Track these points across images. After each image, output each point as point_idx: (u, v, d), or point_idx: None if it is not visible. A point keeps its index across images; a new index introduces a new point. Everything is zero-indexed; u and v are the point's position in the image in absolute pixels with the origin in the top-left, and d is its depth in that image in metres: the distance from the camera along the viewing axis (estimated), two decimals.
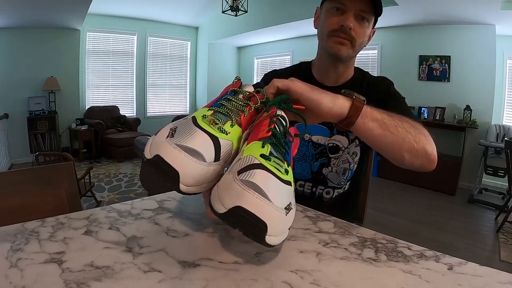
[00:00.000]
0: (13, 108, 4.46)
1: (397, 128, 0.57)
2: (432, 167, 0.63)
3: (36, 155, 2.68)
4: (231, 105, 0.45)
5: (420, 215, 3.12)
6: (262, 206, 0.33)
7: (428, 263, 0.44)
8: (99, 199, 3.00)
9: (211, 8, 5.30)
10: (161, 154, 0.37)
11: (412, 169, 0.65)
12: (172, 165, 0.36)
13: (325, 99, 0.52)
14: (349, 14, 0.75)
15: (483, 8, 3.27)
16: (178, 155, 0.37)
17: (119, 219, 0.54)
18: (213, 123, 0.42)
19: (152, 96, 6.12)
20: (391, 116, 0.58)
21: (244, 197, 0.33)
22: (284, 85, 0.51)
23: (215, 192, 0.37)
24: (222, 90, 0.50)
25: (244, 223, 0.34)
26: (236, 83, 0.49)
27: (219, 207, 0.35)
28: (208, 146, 0.40)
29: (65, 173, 0.89)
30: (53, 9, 3.88)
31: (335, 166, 0.88)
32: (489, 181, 4.02)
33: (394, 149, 0.59)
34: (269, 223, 0.34)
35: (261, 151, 0.39)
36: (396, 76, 3.29)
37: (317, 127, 0.87)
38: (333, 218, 0.59)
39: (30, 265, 0.39)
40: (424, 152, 0.60)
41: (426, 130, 0.63)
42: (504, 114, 4.04)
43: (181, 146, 0.37)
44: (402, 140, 0.57)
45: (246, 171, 0.36)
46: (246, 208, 0.33)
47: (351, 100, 0.54)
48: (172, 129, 0.40)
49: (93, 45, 5.28)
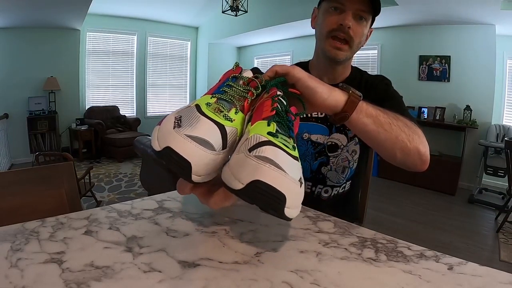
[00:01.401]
0: (13, 108, 4.46)
1: (391, 125, 0.57)
2: (424, 168, 0.63)
3: (36, 155, 2.68)
4: (233, 92, 0.45)
5: (420, 215, 3.12)
6: (280, 178, 0.33)
7: (428, 263, 0.44)
8: (99, 199, 3.00)
9: (211, 8, 5.30)
10: (172, 145, 0.36)
11: (404, 168, 0.65)
12: (184, 156, 0.36)
13: (321, 89, 0.52)
14: (348, 13, 0.76)
15: (483, 8, 3.27)
16: (189, 146, 0.36)
17: (119, 219, 0.54)
18: (218, 111, 0.41)
19: (152, 96, 6.12)
20: (386, 114, 0.58)
21: (261, 171, 0.33)
22: (283, 70, 0.51)
23: (227, 171, 0.37)
24: (221, 76, 0.50)
25: (263, 197, 0.33)
26: (237, 69, 0.48)
27: (235, 184, 0.35)
28: (215, 134, 0.39)
29: (65, 173, 0.89)
30: (53, 9, 3.88)
31: (334, 164, 0.88)
32: (489, 181, 4.02)
33: (387, 146, 0.59)
34: (287, 195, 0.34)
35: (267, 129, 0.40)
36: (396, 76, 3.30)
37: (316, 126, 0.87)
38: (333, 218, 0.59)
39: (30, 265, 0.39)
40: (417, 151, 0.60)
41: (420, 130, 0.63)
42: (504, 114, 4.04)
43: (191, 136, 0.37)
44: (395, 138, 0.58)
45: (256, 148, 0.36)
46: (265, 181, 0.33)
47: (348, 94, 0.54)
48: (176, 118, 0.39)
49: (93, 45, 5.28)
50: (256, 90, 0.47)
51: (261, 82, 0.48)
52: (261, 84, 0.48)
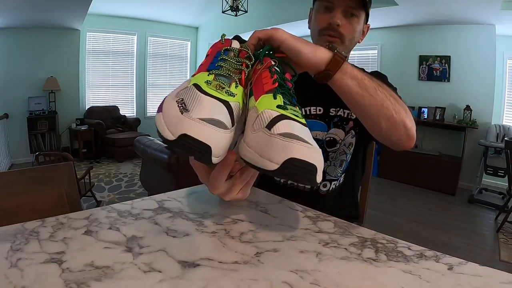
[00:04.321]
0: (13, 108, 4.47)
1: (376, 91, 0.55)
2: (410, 145, 0.61)
3: (36, 155, 2.68)
4: (229, 65, 0.44)
5: (420, 215, 3.12)
6: (309, 151, 0.36)
7: (428, 263, 0.44)
8: (99, 199, 3.00)
9: (211, 8, 5.30)
10: (188, 132, 0.35)
11: (389, 144, 0.64)
12: (203, 141, 0.35)
13: (306, 49, 0.52)
14: (337, 11, 0.78)
15: (483, 8, 3.27)
16: (206, 129, 0.35)
17: (119, 219, 0.54)
18: (220, 88, 0.41)
19: (152, 96, 6.12)
20: (372, 79, 0.56)
21: (292, 149, 0.35)
22: (266, 34, 0.50)
23: (252, 153, 0.38)
24: (209, 50, 0.48)
25: (299, 172, 0.35)
26: (226, 41, 0.47)
27: (268, 165, 0.36)
28: (224, 112, 0.39)
29: (65, 173, 0.89)
30: (53, 9, 3.88)
31: (333, 159, 0.88)
32: (489, 181, 4.02)
33: (372, 113, 0.57)
34: (317, 164, 0.36)
35: (275, 102, 0.40)
36: (396, 76, 3.31)
37: (315, 123, 0.87)
38: (333, 218, 0.59)
39: (30, 265, 0.39)
40: (403, 125, 0.58)
41: (407, 108, 0.61)
42: (504, 114, 4.04)
43: (204, 119, 0.36)
44: (381, 104, 0.56)
45: (273, 125, 0.37)
46: (299, 158, 0.35)
47: (332, 53, 0.53)
48: (179, 102, 0.37)
49: (93, 45, 5.28)
50: (250, 60, 0.46)
51: (247, 54, 0.47)
52: (252, 54, 0.47)
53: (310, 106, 0.88)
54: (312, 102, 0.87)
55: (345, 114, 0.86)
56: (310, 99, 0.87)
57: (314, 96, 0.86)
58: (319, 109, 0.87)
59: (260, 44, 0.51)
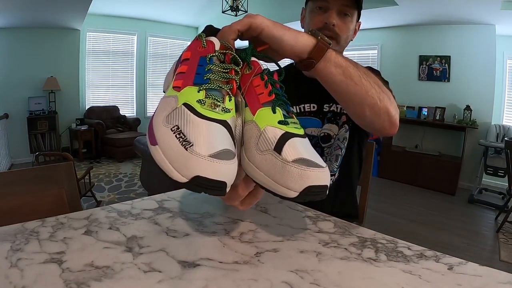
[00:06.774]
0: (13, 108, 4.46)
1: (361, 79, 0.54)
2: (393, 132, 0.61)
3: (36, 155, 2.68)
4: (217, 76, 0.39)
5: (420, 215, 3.12)
6: (321, 175, 0.38)
7: (428, 263, 0.44)
8: (99, 199, 3.00)
9: (211, 8, 5.30)
10: (201, 174, 0.32)
11: (372, 131, 0.64)
12: (219, 180, 0.33)
13: (288, 36, 0.49)
14: (332, 11, 0.78)
15: (483, 8, 3.27)
16: (219, 167, 0.33)
17: (119, 219, 0.54)
18: (215, 106, 0.37)
19: (152, 96, 6.12)
20: (357, 67, 0.55)
21: (309, 177, 0.36)
22: (245, 25, 0.46)
23: (268, 179, 0.38)
24: (186, 52, 0.43)
25: (316, 196, 0.38)
26: (209, 45, 0.41)
27: (289, 193, 0.37)
28: (226, 136, 0.36)
29: (65, 173, 0.89)
30: (53, 9, 3.88)
31: (329, 155, 0.89)
32: (489, 181, 4.02)
33: (356, 102, 0.56)
34: (328, 183, 0.39)
35: (276, 117, 0.40)
36: (396, 76, 3.30)
37: (309, 120, 0.88)
38: (333, 218, 0.59)
39: (30, 265, 0.39)
40: (387, 112, 0.57)
41: (391, 95, 0.61)
42: (504, 114, 4.04)
43: (213, 154, 0.33)
44: (365, 93, 0.54)
45: (282, 148, 0.38)
46: (316, 185, 0.37)
47: (316, 40, 0.50)
48: (175, 131, 0.34)
49: (93, 45, 5.27)
50: (237, 65, 0.42)
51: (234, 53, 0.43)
52: (237, 55, 0.42)
53: (304, 104, 0.88)
54: (306, 99, 0.88)
55: (338, 109, 0.86)
56: (304, 96, 0.87)
57: (308, 93, 0.87)
58: (313, 106, 0.88)
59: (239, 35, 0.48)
